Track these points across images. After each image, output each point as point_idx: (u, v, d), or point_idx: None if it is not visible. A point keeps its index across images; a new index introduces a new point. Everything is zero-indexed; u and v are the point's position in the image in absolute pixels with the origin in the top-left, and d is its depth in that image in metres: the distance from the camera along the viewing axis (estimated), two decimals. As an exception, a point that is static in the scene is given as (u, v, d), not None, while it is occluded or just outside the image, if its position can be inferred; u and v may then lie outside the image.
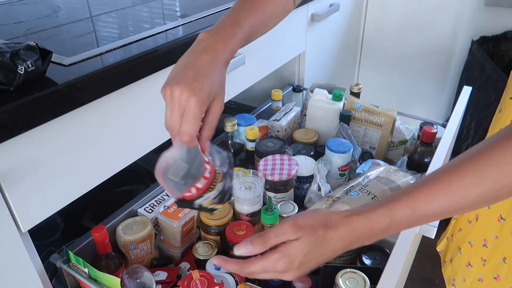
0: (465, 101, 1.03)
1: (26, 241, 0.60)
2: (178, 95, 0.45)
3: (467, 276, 0.77)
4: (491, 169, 0.40)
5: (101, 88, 0.61)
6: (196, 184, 0.52)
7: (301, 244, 0.45)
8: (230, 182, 0.57)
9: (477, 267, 0.75)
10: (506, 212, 0.67)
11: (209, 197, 0.55)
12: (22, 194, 0.56)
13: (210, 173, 0.52)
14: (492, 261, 0.71)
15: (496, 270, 0.71)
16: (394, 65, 1.88)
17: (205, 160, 0.51)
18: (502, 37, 1.56)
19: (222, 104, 0.48)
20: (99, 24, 0.83)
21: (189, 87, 0.45)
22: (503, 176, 0.40)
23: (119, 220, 0.82)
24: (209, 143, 0.50)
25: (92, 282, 0.65)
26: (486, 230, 0.72)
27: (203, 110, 0.46)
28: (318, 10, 1.26)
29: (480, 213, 0.73)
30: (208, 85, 0.46)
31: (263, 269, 0.46)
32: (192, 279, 0.69)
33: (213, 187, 0.53)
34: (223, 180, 0.54)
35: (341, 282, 0.67)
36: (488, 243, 0.72)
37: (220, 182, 0.54)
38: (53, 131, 0.57)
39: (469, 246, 0.77)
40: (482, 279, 0.74)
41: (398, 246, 0.61)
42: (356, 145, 0.99)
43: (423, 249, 1.28)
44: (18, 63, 0.51)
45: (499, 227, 0.69)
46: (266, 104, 1.25)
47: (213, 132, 0.49)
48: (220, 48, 0.49)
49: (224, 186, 0.55)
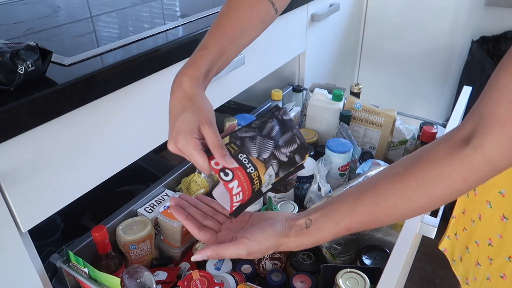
0: (465, 101, 1.03)
1: (26, 241, 0.60)
2: (171, 149, 0.53)
3: (477, 275, 0.77)
4: (413, 191, 0.44)
5: (101, 88, 0.61)
6: (234, 200, 0.52)
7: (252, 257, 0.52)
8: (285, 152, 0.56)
9: (485, 266, 0.75)
10: (509, 211, 0.67)
11: (268, 182, 0.55)
12: (22, 194, 0.56)
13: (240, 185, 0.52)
14: (498, 260, 0.71)
15: (502, 268, 0.71)
16: (394, 65, 1.88)
17: (225, 180, 0.51)
18: (502, 37, 1.56)
19: (210, 124, 0.51)
20: (99, 24, 0.83)
21: (172, 140, 0.52)
22: (422, 198, 0.44)
23: (119, 220, 0.82)
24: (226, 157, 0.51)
25: (92, 282, 0.65)
26: (490, 229, 0.72)
27: (192, 147, 0.50)
28: (318, 10, 1.26)
29: (482, 213, 0.73)
30: (182, 125, 0.51)
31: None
32: (192, 279, 0.69)
33: (258, 180, 0.53)
34: (268, 167, 0.54)
35: (341, 282, 0.67)
36: (493, 242, 0.72)
37: (265, 173, 0.54)
38: (53, 131, 0.57)
39: (476, 245, 0.77)
40: (490, 278, 0.74)
41: (398, 246, 0.61)
42: (356, 145, 0.99)
43: (423, 249, 1.28)
44: (18, 63, 0.51)
45: (502, 226, 0.69)
46: (266, 104, 1.25)
47: (223, 149, 0.51)
48: (185, 79, 0.54)
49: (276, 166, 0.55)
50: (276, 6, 0.62)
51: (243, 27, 0.60)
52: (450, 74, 1.77)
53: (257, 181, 0.53)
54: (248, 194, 0.53)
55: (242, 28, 0.60)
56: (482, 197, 0.73)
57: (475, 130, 0.40)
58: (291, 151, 0.56)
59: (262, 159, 0.53)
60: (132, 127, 0.71)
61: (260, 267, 0.81)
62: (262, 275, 0.81)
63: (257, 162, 0.53)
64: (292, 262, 0.80)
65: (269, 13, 0.62)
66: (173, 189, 0.96)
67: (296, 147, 0.56)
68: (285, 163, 0.55)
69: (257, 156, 0.53)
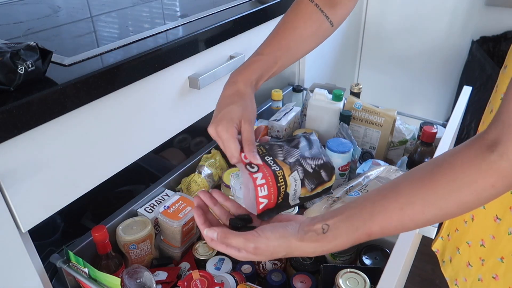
0: (465, 101, 1.03)
1: (26, 241, 0.60)
2: (210, 131, 0.57)
3: (468, 276, 0.77)
4: (439, 197, 0.43)
5: (101, 88, 0.61)
6: (259, 194, 0.53)
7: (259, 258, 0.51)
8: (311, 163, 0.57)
9: (477, 266, 0.75)
10: (501, 212, 0.67)
11: (295, 191, 0.56)
12: (22, 194, 0.56)
13: (264, 177, 0.53)
14: (490, 260, 0.71)
15: (495, 269, 0.71)
16: (394, 65, 1.88)
17: (251, 171, 0.54)
18: (502, 37, 1.56)
19: (250, 122, 0.56)
20: (99, 24, 0.83)
21: (214, 123, 0.56)
22: (450, 205, 0.43)
23: (119, 220, 0.82)
24: (254, 153, 0.54)
25: (92, 282, 0.65)
26: (483, 230, 0.72)
27: (230, 134, 0.54)
28: (318, 10, 1.26)
29: (475, 214, 0.73)
30: (227, 114, 0.56)
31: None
32: (192, 279, 0.69)
33: (283, 180, 0.54)
34: (293, 170, 0.55)
35: (341, 282, 0.67)
36: (485, 243, 0.72)
37: (290, 175, 0.55)
38: (53, 131, 0.57)
39: (467, 246, 0.77)
40: (481, 278, 0.74)
41: (398, 246, 0.62)
42: (356, 145, 0.99)
43: (423, 249, 1.28)
44: (18, 63, 0.51)
45: (495, 227, 0.69)
46: (266, 104, 1.25)
47: (253, 146, 0.55)
48: (240, 79, 0.60)
49: (301, 173, 0.56)
50: (331, 19, 0.66)
51: (298, 38, 0.64)
52: (450, 74, 1.77)
53: (282, 180, 0.54)
54: (274, 192, 0.54)
55: (297, 38, 0.64)
56: None
57: (500, 137, 0.40)
58: (316, 164, 0.57)
59: (287, 162, 0.56)
60: (132, 127, 0.71)
61: (260, 267, 0.81)
62: (262, 275, 0.81)
63: (283, 164, 0.55)
64: (292, 262, 0.80)
65: (323, 26, 0.66)
66: (173, 189, 0.96)
67: (322, 162, 0.58)
68: (310, 174, 0.57)
69: (283, 159, 0.56)
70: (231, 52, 0.89)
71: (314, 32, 0.66)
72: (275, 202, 0.54)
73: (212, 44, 0.81)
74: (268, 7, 0.94)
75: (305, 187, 0.56)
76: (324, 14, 0.65)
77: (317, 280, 0.76)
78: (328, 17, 0.66)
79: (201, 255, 0.81)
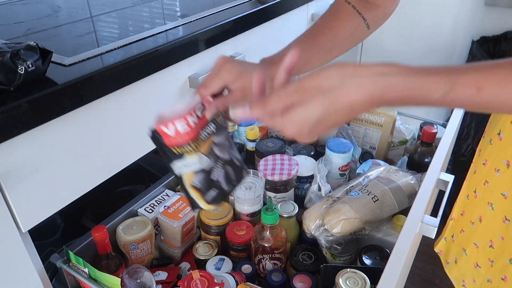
0: (465, 101, 1.03)
1: (26, 241, 0.60)
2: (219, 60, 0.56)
3: (477, 277, 0.77)
4: None
5: (101, 88, 0.61)
6: (175, 121, 0.52)
7: (307, 111, 0.39)
8: (220, 175, 0.57)
9: (485, 268, 0.74)
10: (510, 213, 0.67)
11: (188, 164, 0.54)
12: (22, 194, 0.56)
13: (195, 123, 0.53)
14: (499, 262, 0.71)
15: (504, 271, 0.71)
16: (394, 65, 1.88)
17: (196, 111, 0.54)
18: (503, 37, 1.56)
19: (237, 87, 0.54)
20: (99, 24, 0.83)
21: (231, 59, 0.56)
22: None
23: (119, 220, 0.82)
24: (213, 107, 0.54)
25: (92, 282, 0.65)
26: (491, 231, 0.72)
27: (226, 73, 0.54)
28: (318, 10, 1.26)
29: (483, 215, 0.73)
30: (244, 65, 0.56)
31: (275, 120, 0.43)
32: (192, 279, 0.69)
33: (193, 149, 0.54)
34: (210, 155, 0.55)
35: (341, 282, 0.67)
36: (494, 244, 0.72)
37: (204, 153, 0.54)
38: (53, 131, 0.57)
39: (475, 247, 0.76)
40: (491, 280, 0.74)
41: (398, 246, 0.62)
42: (356, 145, 0.99)
43: (423, 249, 1.28)
44: (18, 63, 0.51)
45: (504, 228, 0.68)
46: (266, 104, 1.25)
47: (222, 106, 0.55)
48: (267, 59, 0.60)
49: (211, 170, 0.55)
50: (368, 21, 0.66)
51: (333, 38, 0.64)
52: (450, 74, 1.77)
53: (191, 148, 0.54)
54: (179, 135, 0.53)
55: (332, 38, 0.64)
56: (483, 199, 0.73)
57: None
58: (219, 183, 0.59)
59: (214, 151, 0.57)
60: (132, 127, 0.71)
61: (260, 267, 0.81)
62: (262, 275, 0.81)
63: (207, 147, 0.55)
64: (292, 262, 0.80)
65: (360, 27, 0.66)
66: (173, 189, 0.96)
67: (222, 191, 0.59)
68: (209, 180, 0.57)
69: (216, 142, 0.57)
70: (231, 52, 0.89)
71: (350, 33, 0.65)
72: (170, 143, 0.54)
73: (212, 44, 0.81)
74: (268, 7, 0.94)
75: (193, 176, 0.55)
76: (361, 16, 0.65)
77: (317, 280, 0.76)
78: (365, 19, 0.65)
79: (201, 255, 0.81)
